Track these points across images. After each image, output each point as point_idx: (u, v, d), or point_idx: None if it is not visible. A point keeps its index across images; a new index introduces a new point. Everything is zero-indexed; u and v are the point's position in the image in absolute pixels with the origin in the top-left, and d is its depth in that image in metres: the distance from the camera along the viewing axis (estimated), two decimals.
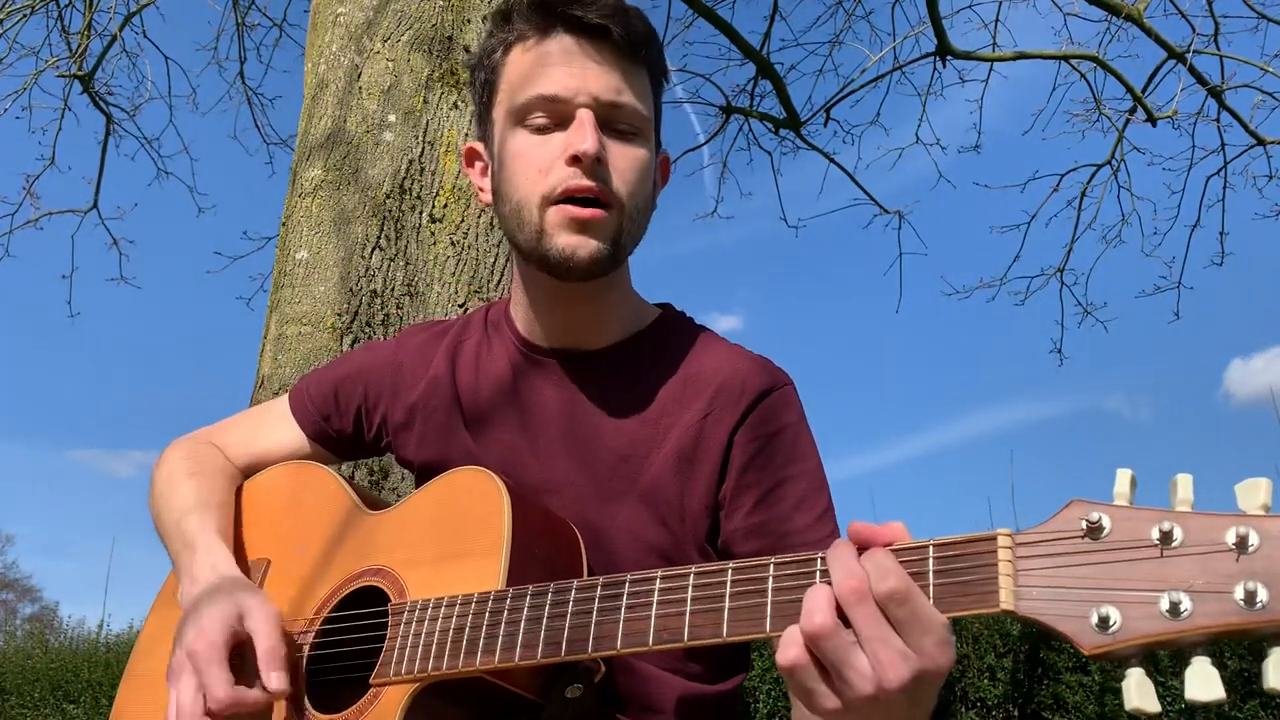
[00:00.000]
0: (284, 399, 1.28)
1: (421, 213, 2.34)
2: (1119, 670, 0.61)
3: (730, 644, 0.75)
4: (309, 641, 0.99)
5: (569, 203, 0.99)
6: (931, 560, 0.67)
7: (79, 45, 5.19)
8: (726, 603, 0.74)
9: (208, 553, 1.05)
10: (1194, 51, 5.12)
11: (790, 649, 0.67)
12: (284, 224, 2.44)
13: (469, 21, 2.56)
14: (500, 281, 2.35)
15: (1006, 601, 0.63)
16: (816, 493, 1.04)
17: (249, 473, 1.24)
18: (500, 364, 1.15)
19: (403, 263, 2.29)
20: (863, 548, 0.69)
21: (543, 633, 0.81)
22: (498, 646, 0.83)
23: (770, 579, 0.73)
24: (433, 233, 2.33)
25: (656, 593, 0.77)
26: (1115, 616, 0.60)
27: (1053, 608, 0.62)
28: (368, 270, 2.27)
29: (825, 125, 5.69)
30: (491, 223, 2.37)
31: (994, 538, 0.66)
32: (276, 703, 0.96)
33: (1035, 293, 6.19)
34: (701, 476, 1.04)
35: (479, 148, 1.14)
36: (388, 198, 2.34)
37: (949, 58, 5.31)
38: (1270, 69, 5.14)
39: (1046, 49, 5.55)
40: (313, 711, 0.94)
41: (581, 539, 1.00)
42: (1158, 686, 0.66)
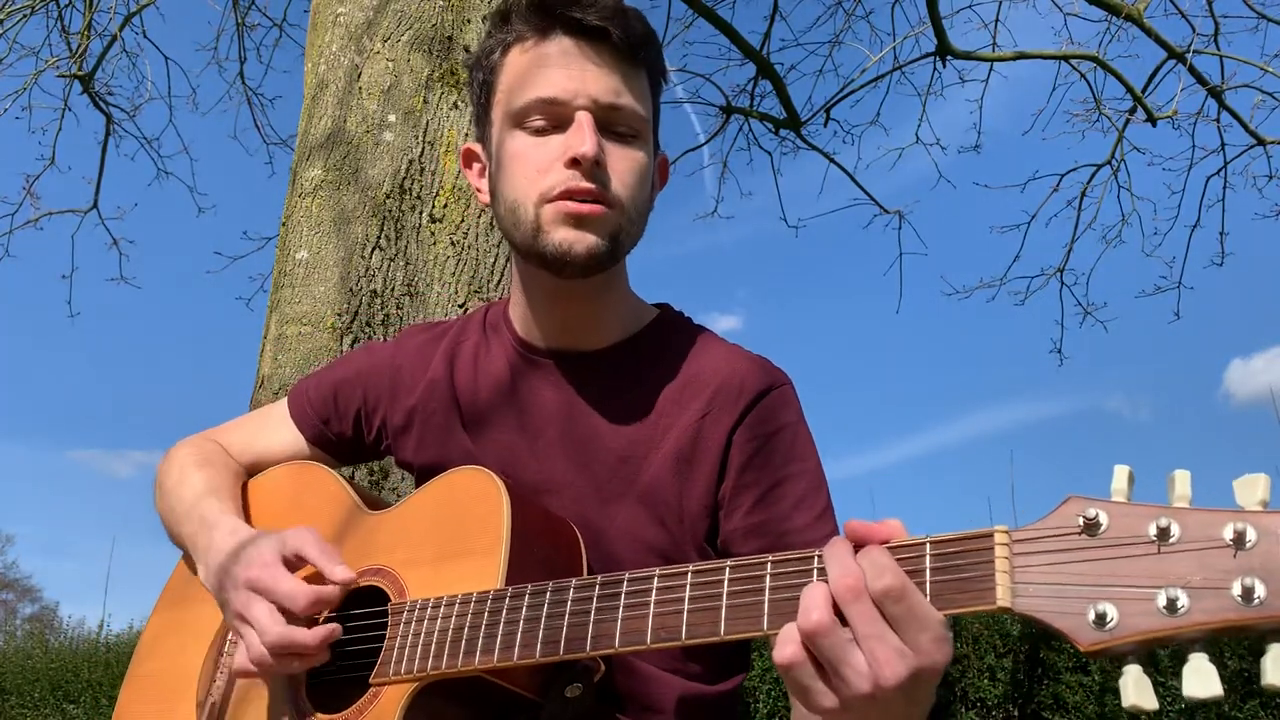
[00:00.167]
0: (283, 402, 1.28)
1: (421, 213, 2.34)
2: (1117, 667, 0.61)
3: (729, 643, 0.75)
4: None
5: (567, 199, 0.99)
6: (928, 557, 0.67)
7: (79, 45, 5.19)
8: (724, 601, 0.74)
9: (230, 529, 1.05)
10: (1194, 51, 5.12)
11: (787, 646, 0.67)
12: (284, 224, 2.45)
13: (469, 21, 2.56)
14: (500, 281, 2.35)
15: (1003, 598, 0.63)
16: (815, 492, 1.04)
17: (250, 475, 1.24)
18: (498, 365, 1.15)
19: (403, 263, 2.29)
20: (859, 545, 0.69)
21: (541, 632, 0.82)
22: (497, 646, 0.83)
23: (768, 577, 0.73)
24: (433, 233, 2.33)
25: (654, 591, 0.77)
26: (1112, 613, 0.60)
27: (1050, 604, 0.62)
28: (368, 270, 2.27)
29: (825, 125, 5.70)
30: (491, 223, 2.37)
31: (991, 535, 0.66)
32: (276, 703, 0.96)
33: (1035, 293, 6.21)
34: (700, 477, 1.04)
35: (477, 149, 1.14)
36: (388, 198, 2.34)
37: (949, 58, 5.31)
38: (1270, 69, 5.14)
39: (1046, 49, 5.55)
40: (313, 711, 0.94)
41: (581, 539, 1.00)
42: (1156, 685, 0.66)
